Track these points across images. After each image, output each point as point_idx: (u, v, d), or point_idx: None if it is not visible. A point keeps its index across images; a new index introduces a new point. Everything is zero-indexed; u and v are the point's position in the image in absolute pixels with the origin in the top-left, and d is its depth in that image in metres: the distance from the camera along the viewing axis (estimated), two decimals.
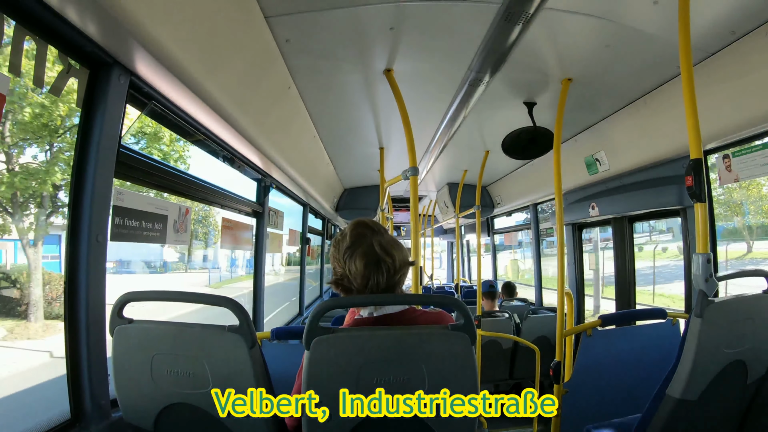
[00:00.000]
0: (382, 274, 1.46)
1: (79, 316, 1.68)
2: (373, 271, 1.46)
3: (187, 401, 1.46)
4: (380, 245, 1.48)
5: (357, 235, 1.52)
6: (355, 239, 1.51)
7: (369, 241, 1.49)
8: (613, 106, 3.38)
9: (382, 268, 1.47)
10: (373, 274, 1.46)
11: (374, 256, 1.47)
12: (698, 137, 1.79)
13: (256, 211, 3.86)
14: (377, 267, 1.46)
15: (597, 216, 4.27)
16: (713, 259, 1.77)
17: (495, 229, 8.47)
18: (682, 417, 1.79)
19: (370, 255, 1.47)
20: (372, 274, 1.46)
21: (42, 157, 3.82)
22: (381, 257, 1.47)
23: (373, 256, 1.47)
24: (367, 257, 1.47)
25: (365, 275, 1.46)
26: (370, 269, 1.46)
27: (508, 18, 1.96)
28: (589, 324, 2.63)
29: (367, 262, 1.46)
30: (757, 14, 2.12)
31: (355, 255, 1.48)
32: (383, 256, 1.47)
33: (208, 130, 2.54)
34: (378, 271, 1.46)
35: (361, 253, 1.47)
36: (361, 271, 1.47)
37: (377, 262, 1.47)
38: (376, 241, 1.49)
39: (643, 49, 2.47)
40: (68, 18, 1.42)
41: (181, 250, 12.04)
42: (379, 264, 1.47)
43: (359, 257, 1.47)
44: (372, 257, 1.47)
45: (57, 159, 3.77)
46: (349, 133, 4.30)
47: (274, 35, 2.30)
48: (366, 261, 1.46)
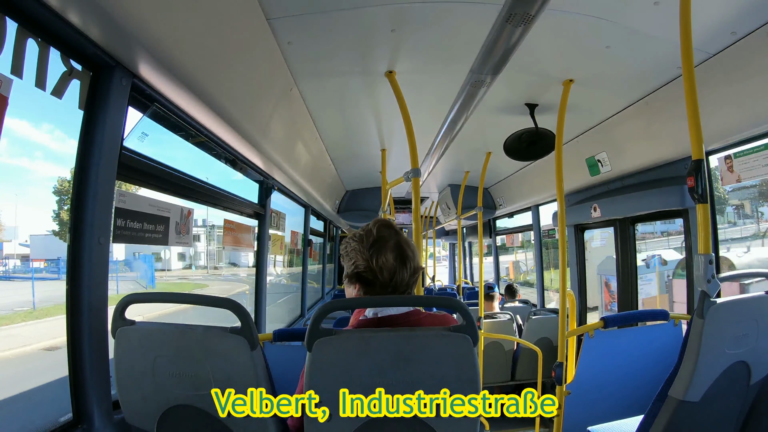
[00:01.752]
0: (406, 270, 1.56)
1: (81, 318, 1.68)
2: (400, 266, 1.55)
3: (190, 403, 1.46)
4: (406, 243, 1.59)
5: (385, 232, 1.60)
6: (384, 235, 1.59)
7: (396, 239, 1.58)
8: (615, 107, 3.38)
9: (407, 264, 1.56)
10: (400, 269, 1.55)
11: (402, 252, 1.56)
12: (700, 138, 1.79)
13: (257, 212, 3.87)
14: (403, 263, 1.56)
15: (599, 217, 4.27)
16: (715, 260, 1.76)
17: (497, 230, 8.46)
18: (685, 418, 1.79)
19: (398, 250, 1.56)
20: (399, 268, 1.55)
21: None
22: (407, 254, 1.57)
23: (401, 251, 1.56)
24: (397, 252, 1.56)
25: (394, 268, 1.55)
26: (398, 264, 1.55)
27: (510, 19, 1.96)
28: (591, 325, 2.62)
29: (396, 256, 1.55)
30: (757, 15, 2.12)
31: (386, 249, 1.55)
32: (408, 254, 1.57)
33: (210, 132, 2.54)
34: (404, 267, 1.55)
35: (392, 247, 1.56)
36: (391, 264, 1.54)
37: (404, 259, 1.56)
38: (403, 240, 1.60)
39: (644, 49, 2.47)
40: (70, 20, 1.42)
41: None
42: (405, 260, 1.56)
43: (390, 251, 1.55)
44: (400, 253, 1.56)
45: None
46: (350, 134, 4.31)
47: (276, 37, 2.31)
48: (395, 255, 1.55)
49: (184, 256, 12.29)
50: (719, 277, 1.74)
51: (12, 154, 10.00)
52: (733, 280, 1.92)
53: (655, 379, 2.09)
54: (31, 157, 12.52)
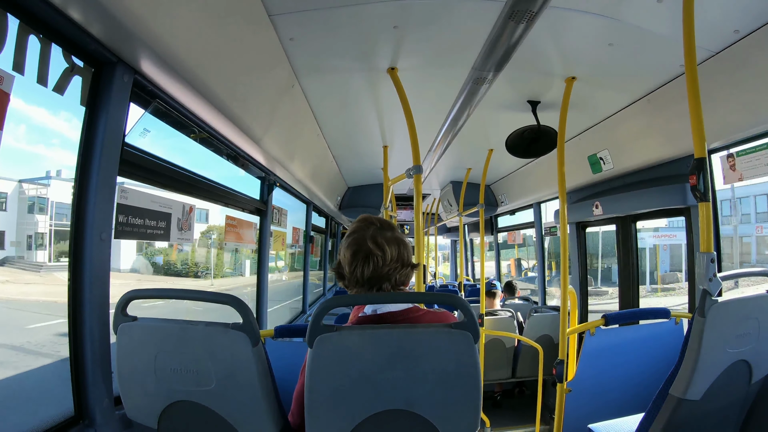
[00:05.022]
0: (368, 265, 1.53)
1: (83, 314, 1.68)
2: (360, 261, 1.53)
3: (191, 399, 1.47)
4: (373, 238, 1.55)
5: (356, 228, 1.61)
6: (353, 231, 1.61)
7: (363, 234, 1.56)
8: (617, 104, 3.37)
9: (370, 260, 1.53)
10: (359, 264, 1.53)
11: (364, 248, 1.54)
12: (702, 136, 1.78)
13: (259, 209, 3.87)
14: (365, 259, 1.53)
15: (601, 215, 4.26)
16: (717, 258, 1.76)
17: (498, 227, 8.46)
18: (685, 417, 1.79)
19: (360, 246, 1.54)
20: (358, 263, 1.54)
21: None
22: (371, 250, 1.53)
23: (363, 247, 1.54)
24: (357, 247, 1.55)
25: (351, 263, 1.55)
26: (357, 259, 1.54)
27: (512, 16, 1.95)
28: (592, 323, 2.62)
29: (355, 252, 1.54)
30: (761, 13, 2.11)
31: (347, 243, 1.58)
32: (373, 249, 1.53)
33: (212, 128, 2.54)
34: (365, 262, 1.53)
35: (352, 242, 1.56)
36: (348, 260, 1.55)
37: (366, 254, 1.53)
38: (371, 235, 1.56)
39: (647, 47, 2.47)
40: (72, 17, 1.42)
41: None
42: (367, 256, 1.53)
43: (349, 246, 1.57)
44: (362, 249, 1.54)
45: None
46: (352, 131, 4.31)
47: (278, 33, 2.31)
48: (354, 251, 1.55)
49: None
50: (721, 275, 1.74)
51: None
52: (734, 278, 1.91)
53: (655, 377, 2.10)
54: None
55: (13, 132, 15.84)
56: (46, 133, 20.59)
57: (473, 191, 5.93)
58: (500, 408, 5.43)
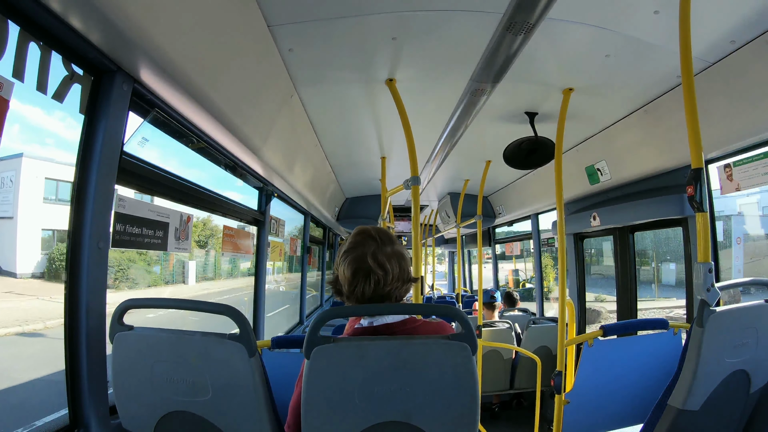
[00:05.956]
0: (369, 284, 1.46)
1: (79, 322, 1.67)
2: (360, 280, 1.47)
3: (187, 409, 1.45)
4: (374, 256, 1.48)
5: (355, 243, 1.53)
6: (352, 246, 1.52)
7: (363, 251, 1.49)
8: (615, 115, 3.39)
9: (371, 279, 1.46)
10: (360, 283, 1.47)
11: (365, 267, 1.47)
12: (699, 147, 1.79)
13: (257, 219, 3.86)
14: (366, 277, 1.46)
15: (598, 226, 4.27)
16: (714, 268, 1.76)
17: (496, 238, 8.47)
18: (684, 427, 1.78)
19: (360, 264, 1.47)
20: (359, 282, 1.47)
21: None
22: (372, 268, 1.47)
23: (363, 265, 1.47)
24: (357, 266, 1.47)
25: (352, 283, 1.47)
26: (358, 278, 1.47)
27: (510, 28, 1.97)
28: (590, 334, 2.61)
29: (356, 271, 1.47)
30: (756, 24, 2.13)
31: (347, 261, 1.49)
32: (374, 268, 1.47)
33: (211, 138, 2.54)
34: (366, 281, 1.46)
35: (352, 260, 1.48)
36: (348, 278, 1.48)
37: (367, 273, 1.47)
38: (371, 252, 1.48)
39: (644, 58, 2.49)
40: (72, 24, 1.43)
41: None
42: (368, 275, 1.46)
43: (349, 264, 1.48)
44: (362, 267, 1.47)
45: None
46: (351, 142, 4.32)
47: (277, 44, 2.32)
48: (354, 269, 1.47)
49: None
50: (719, 285, 1.74)
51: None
52: (732, 288, 1.91)
53: (654, 388, 2.09)
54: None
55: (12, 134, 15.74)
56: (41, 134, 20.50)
57: (471, 202, 5.94)
58: (498, 420, 5.40)
